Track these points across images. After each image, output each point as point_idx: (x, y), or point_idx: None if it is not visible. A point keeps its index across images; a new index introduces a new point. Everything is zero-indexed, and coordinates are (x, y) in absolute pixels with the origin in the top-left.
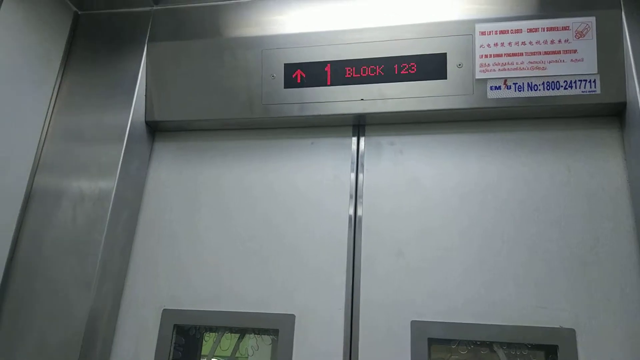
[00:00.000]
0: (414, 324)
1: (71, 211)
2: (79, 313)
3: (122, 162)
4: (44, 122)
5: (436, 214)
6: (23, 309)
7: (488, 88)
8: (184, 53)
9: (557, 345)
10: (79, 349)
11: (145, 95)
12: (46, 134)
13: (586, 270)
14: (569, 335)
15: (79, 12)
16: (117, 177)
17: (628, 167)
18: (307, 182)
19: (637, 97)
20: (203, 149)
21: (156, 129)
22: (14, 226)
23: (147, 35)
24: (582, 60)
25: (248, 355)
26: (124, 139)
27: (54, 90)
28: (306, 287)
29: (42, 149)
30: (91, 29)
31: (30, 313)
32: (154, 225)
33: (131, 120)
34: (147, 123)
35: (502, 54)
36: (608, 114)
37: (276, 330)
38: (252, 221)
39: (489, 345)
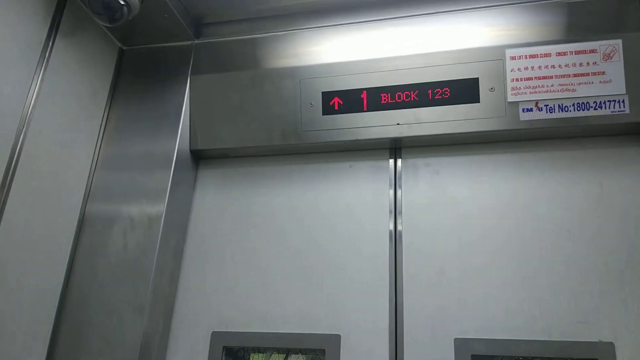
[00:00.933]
0: (457, 341)
1: (122, 237)
2: (132, 337)
3: (170, 189)
4: (94, 152)
5: (474, 232)
6: (79, 333)
7: (520, 110)
8: (225, 84)
9: (597, 359)
10: None
11: (190, 125)
12: (96, 164)
13: (622, 285)
14: (609, 349)
15: (124, 48)
16: (165, 203)
17: None
18: (348, 202)
19: None
20: (246, 174)
21: (200, 157)
22: (68, 252)
23: (190, 68)
24: (610, 82)
25: None
26: (171, 166)
27: (101, 122)
28: (351, 306)
29: (92, 178)
30: (135, 63)
31: (86, 336)
32: (201, 249)
33: (177, 149)
34: (191, 151)
35: (532, 77)
36: (637, 132)
37: (322, 350)
38: (296, 241)
39: None
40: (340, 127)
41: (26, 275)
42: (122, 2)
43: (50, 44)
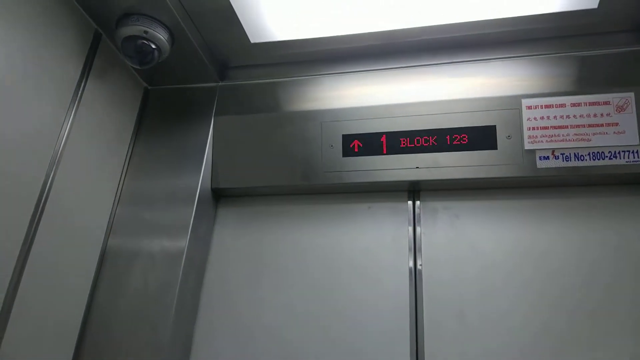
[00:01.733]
0: None
1: (142, 274)
2: None
3: (192, 225)
4: (117, 188)
5: (495, 277)
6: None
7: (537, 158)
8: (247, 125)
9: None
10: None
11: (212, 164)
12: (119, 200)
13: None
14: None
15: (149, 88)
16: (187, 240)
17: None
18: (367, 242)
19: None
20: (265, 213)
21: (221, 195)
22: (89, 289)
23: (214, 109)
24: (624, 133)
25: None
26: (194, 203)
27: (125, 159)
28: (370, 353)
29: (115, 214)
30: (160, 102)
31: None
32: (218, 287)
33: (200, 187)
34: (212, 189)
35: (548, 127)
36: None
37: None
38: (316, 283)
39: None
40: (360, 169)
41: (47, 311)
42: (153, 47)
43: (83, 83)
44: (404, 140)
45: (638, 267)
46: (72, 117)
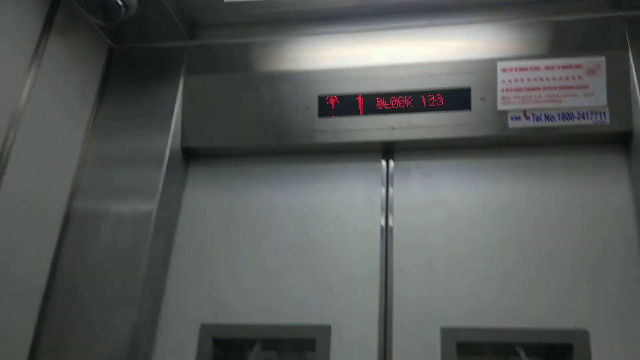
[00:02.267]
0: (443, 329)
1: (111, 233)
2: (122, 329)
3: (162, 186)
4: (81, 149)
5: (461, 229)
6: (67, 323)
7: (509, 118)
8: (219, 85)
9: (572, 345)
10: None
11: (182, 123)
12: (84, 161)
13: (597, 279)
14: (583, 335)
15: (114, 46)
16: (157, 201)
17: (633, 188)
18: (341, 201)
19: None
20: (238, 174)
21: (192, 155)
22: (53, 247)
23: (182, 68)
24: (593, 95)
25: None
26: (163, 164)
27: (90, 119)
28: (342, 298)
29: (80, 175)
30: (126, 61)
31: (74, 327)
32: (190, 245)
33: (169, 147)
34: (182, 149)
35: (522, 89)
36: (616, 141)
37: (313, 340)
38: (289, 237)
39: (511, 346)
40: (335, 129)
41: (9, 272)
42: (120, 2)
43: (44, 41)
44: (380, 101)
45: (599, 220)
46: (33, 76)
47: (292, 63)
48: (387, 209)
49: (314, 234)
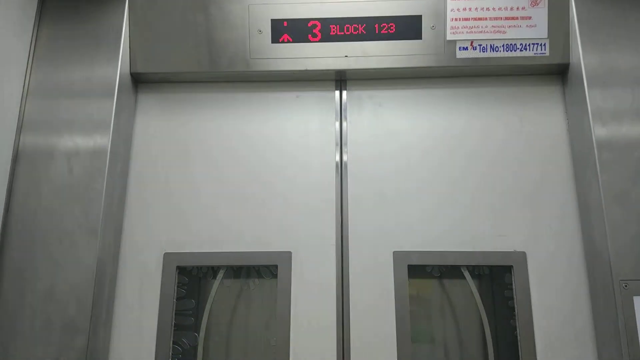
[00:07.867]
0: (396, 253)
1: (66, 164)
2: (87, 259)
3: (114, 114)
4: (24, 80)
5: (411, 159)
6: (27, 257)
7: (457, 48)
8: (167, 6)
9: (512, 266)
10: (91, 291)
11: (130, 47)
12: (27, 93)
13: (534, 204)
14: (521, 257)
15: None
16: (111, 130)
17: (568, 117)
18: (295, 131)
19: (579, 59)
20: (189, 100)
21: (141, 80)
22: (5, 184)
23: None
24: (535, 26)
25: (251, 289)
26: (114, 92)
27: (30, 47)
28: (300, 227)
29: (24, 107)
30: None
31: (36, 261)
32: (146, 174)
33: (119, 73)
34: (131, 74)
35: (469, 18)
36: (554, 73)
37: (275, 266)
38: (247, 168)
39: (457, 268)
40: (289, 56)
41: None
42: None
43: None
44: (333, 28)
45: (536, 148)
46: None
47: None
48: (341, 142)
49: (272, 163)
